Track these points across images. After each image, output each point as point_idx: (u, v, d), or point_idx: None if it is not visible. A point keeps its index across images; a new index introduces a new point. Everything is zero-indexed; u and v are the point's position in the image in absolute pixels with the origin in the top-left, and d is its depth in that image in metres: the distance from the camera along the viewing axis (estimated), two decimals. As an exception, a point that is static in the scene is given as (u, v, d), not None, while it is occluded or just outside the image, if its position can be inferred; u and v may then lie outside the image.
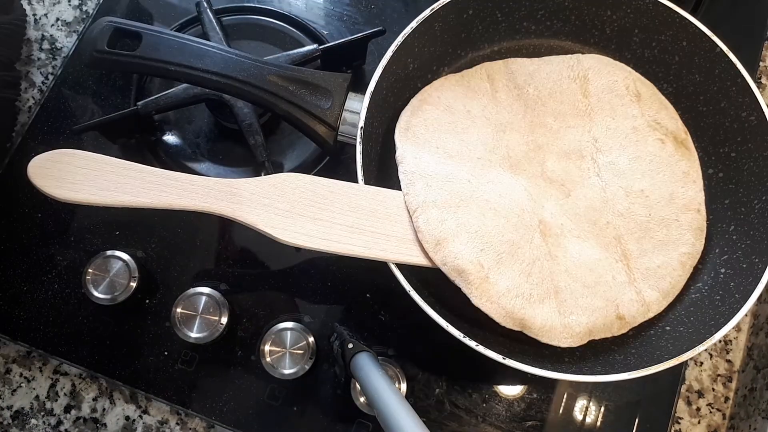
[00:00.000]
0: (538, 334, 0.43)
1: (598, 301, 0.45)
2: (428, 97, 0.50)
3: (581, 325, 0.44)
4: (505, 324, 0.43)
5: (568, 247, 0.46)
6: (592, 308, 0.44)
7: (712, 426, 0.53)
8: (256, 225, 0.41)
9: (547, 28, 0.54)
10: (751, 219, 0.47)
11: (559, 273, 0.45)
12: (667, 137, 0.50)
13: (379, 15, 0.62)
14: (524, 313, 0.43)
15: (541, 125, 0.50)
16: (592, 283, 0.45)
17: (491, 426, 0.50)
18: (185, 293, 0.51)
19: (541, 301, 0.43)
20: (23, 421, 0.51)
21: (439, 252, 0.43)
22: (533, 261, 0.44)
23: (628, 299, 0.45)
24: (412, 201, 0.44)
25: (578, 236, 0.46)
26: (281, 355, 0.49)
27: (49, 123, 0.57)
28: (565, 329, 0.43)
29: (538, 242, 0.45)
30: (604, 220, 0.47)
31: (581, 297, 0.44)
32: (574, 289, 0.45)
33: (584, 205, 0.47)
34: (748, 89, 0.48)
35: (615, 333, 0.45)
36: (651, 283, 0.46)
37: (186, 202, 0.41)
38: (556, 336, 0.43)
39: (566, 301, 0.44)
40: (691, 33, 0.50)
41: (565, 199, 0.48)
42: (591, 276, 0.45)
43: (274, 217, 0.42)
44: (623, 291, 0.45)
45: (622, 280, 0.46)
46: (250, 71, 0.46)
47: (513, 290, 0.43)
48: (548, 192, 0.48)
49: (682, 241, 0.47)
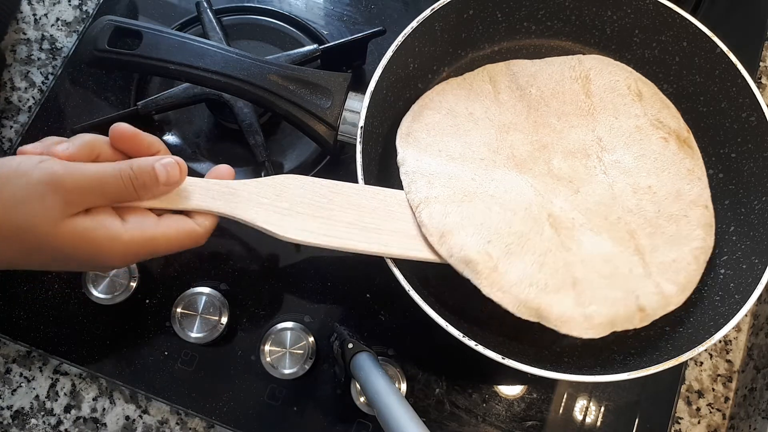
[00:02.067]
0: (556, 323, 0.41)
1: (618, 293, 0.43)
2: (429, 102, 0.50)
3: (602, 315, 0.42)
4: (519, 314, 0.41)
5: (582, 239, 0.45)
6: (612, 299, 0.43)
7: (712, 426, 0.53)
8: (254, 222, 0.41)
9: (548, 28, 0.54)
10: (751, 219, 0.47)
11: (575, 263, 0.43)
12: (670, 136, 0.50)
13: (379, 15, 0.62)
14: (540, 302, 0.41)
15: (545, 125, 0.50)
16: (609, 275, 0.44)
17: (491, 426, 0.50)
18: (185, 293, 0.51)
19: (557, 291, 0.42)
20: (23, 421, 0.51)
21: (444, 244, 0.42)
22: (545, 252, 0.43)
23: (648, 291, 0.44)
24: (415, 198, 0.44)
25: (591, 229, 0.46)
26: (281, 355, 0.49)
27: (49, 123, 0.57)
28: (585, 320, 0.42)
29: (549, 234, 0.44)
30: (615, 216, 0.47)
31: (599, 288, 0.43)
32: (592, 279, 0.43)
33: (594, 201, 0.47)
34: (748, 90, 0.48)
35: (637, 325, 0.44)
36: (668, 276, 0.45)
37: (184, 203, 0.40)
38: (576, 327, 0.41)
39: (585, 291, 0.42)
40: (692, 33, 0.50)
41: (575, 195, 0.47)
42: (607, 267, 0.44)
43: (273, 214, 0.42)
44: (642, 283, 0.44)
45: (639, 273, 0.44)
46: (251, 70, 0.46)
47: (526, 280, 0.41)
48: (556, 188, 0.47)
49: (693, 237, 0.47)
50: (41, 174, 0.35)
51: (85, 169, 0.36)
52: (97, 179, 0.36)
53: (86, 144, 0.39)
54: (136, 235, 0.38)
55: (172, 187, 0.40)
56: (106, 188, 0.37)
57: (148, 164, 0.38)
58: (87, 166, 0.37)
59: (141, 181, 0.38)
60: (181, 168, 0.39)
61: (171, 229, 0.39)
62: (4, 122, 0.59)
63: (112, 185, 0.37)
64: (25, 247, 0.36)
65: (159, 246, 0.39)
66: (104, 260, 0.38)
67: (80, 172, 0.36)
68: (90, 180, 0.36)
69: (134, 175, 0.38)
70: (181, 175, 0.40)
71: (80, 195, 0.36)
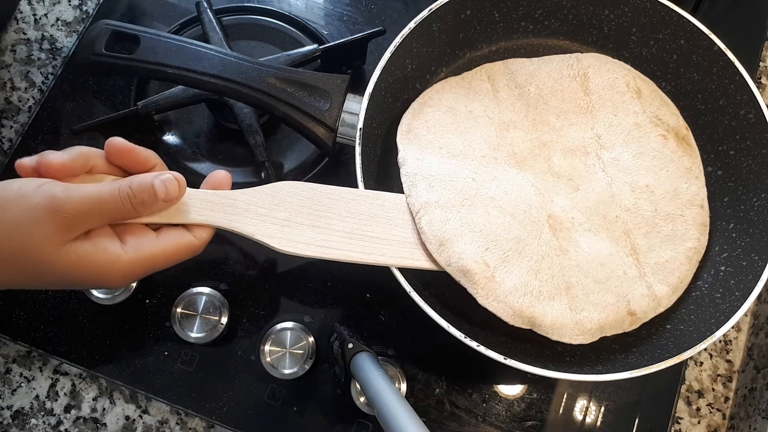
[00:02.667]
0: (548, 331, 0.43)
1: (610, 297, 0.44)
2: (429, 100, 0.50)
3: (593, 321, 0.43)
4: (513, 323, 0.42)
5: (580, 241, 0.45)
6: (604, 304, 0.44)
7: (712, 426, 0.53)
8: (253, 236, 0.41)
9: (545, 27, 0.54)
10: (750, 216, 0.47)
11: (570, 268, 0.44)
12: (668, 133, 0.50)
13: (379, 15, 0.62)
14: (533, 311, 0.42)
15: (544, 123, 0.50)
16: (603, 279, 0.44)
17: (491, 426, 0.50)
18: (185, 293, 0.51)
19: (551, 298, 0.43)
20: (23, 421, 0.51)
21: (443, 253, 0.42)
22: (542, 257, 0.44)
23: (639, 294, 0.45)
24: (415, 202, 0.44)
25: (589, 229, 0.46)
26: (281, 355, 0.49)
27: (49, 123, 0.57)
28: (576, 326, 0.43)
29: (547, 237, 0.45)
30: (614, 215, 0.47)
31: (592, 293, 0.44)
32: (586, 284, 0.44)
33: (594, 199, 0.47)
34: (746, 87, 0.48)
35: (626, 329, 0.45)
36: (660, 277, 0.46)
37: (183, 217, 0.40)
38: (567, 333, 0.43)
39: (578, 296, 0.43)
40: (689, 31, 0.50)
41: (575, 193, 0.47)
42: (602, 271, 0.45)
43: (271, 226, 0.42)
44: (634, 286, 0.45)
45: (633, 274, 0.45)
46: (249, 73, 0.46)
47: (521, 288, 0.42)
48: (557, 186, 0.47)
49: (688, 236, 0.47)
50: (41, 198, 0.35)
51: (84, 191, 0.36)
52: (97, 200, 0.36)
53: (81, 155, 0.39)
54: (135, 256, 0.38)
55: (171, 203, 0.40)
56: (105, 208, 0.37)
57: (146, 181, 0.38)
58: (86, 187, 0.37)
59: (140, 198, 0.38)
60: (180, 184, 0.39)
61: (170, 244, 0.39)
62: (4, 122, 0.59)
63: (110, 204, 0.37)
64: (26, 271, 0.36)
65: (158, 263, 0.39)
66: (105, 282, 0.38)
67: (80, 195, 0.36)
68: (90, 201, 0.36)
69: (133, 194, 0.37)
70: (180, 191, 0.39)
71: (80, 218, 0.36)
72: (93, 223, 0.37)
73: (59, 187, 0.36)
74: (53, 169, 0.38)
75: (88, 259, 0.36)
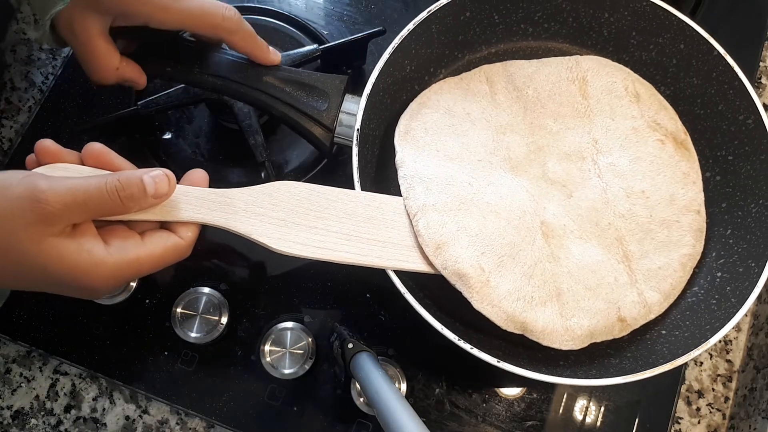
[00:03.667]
0: (539, 337, 0.43)
1: (600, 304, 0.45)
2: (427, 101, 0.50)
3: (583, 327, 0.44)
4: (506, 328, 0.43)
5: (571, 248, 0.46)
6: (594, 311, 0.44)
7: (712, 426, 0.53)
8: (250, 235, 0.41)
9: (545, 30, 0.54)
10: (747, 223, 0.47)
11: (562, 275, 0.45)
12: (667, 138, 0.50)
13: (379, 15, 0.63)
14: (526, 317, 0.43)
15: (541, 127, 0.50)
16: (594, 285, 0.45)
17: (491, 426, 0.50)
18: (185, 293, 0.51)
19: (543, 304, 0.44)
20: (23, 420, 0.51)
21: (439, 256, 0.43)
22: (535, 263, 0.44)
23: (629, 301, 0.45)
24: (412, 205, 0.44)
25: (580, 237, 0.46)
26: (281, 355, 0.50)
27: (49, 123, 0.57)
28: (566, 332, 0.43)
29: (540, 244, 0.45)
30: (606, 221, 0.47)
31: (583, 299, 0.44)
32: (576, 291, 0.45)
33: (586, 206, 0.47)
34: (745, 92, 0.48)
35: (616, 335, 0.45)
36: (652, 284, 0.46)
37: (178, 214, 0.40)
38: (557, 339, 0.43)
39: (568, 303, 0.44)
40: (689, 36, 0.50)
41: (567, 200, 0.48)
42: (593, 278, 0.45)
43: (268, 226, 0.41)
44: (625, 293, 0.45)
45: (624, 281, 0.46)
46: (247, 72, 0.46)
47: (514, 293, 0.43)
48: (550, 193, 0.48)
49: (683, 243, 0.47)
50: (24, 188, 0.34)
51: (68, 183, 0.35)
52: (82, 192, 0.35)
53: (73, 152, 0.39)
54: (120, 259, 0.37)
55: (160, 199, 0.39)
56: (90, 201, 0.36)
57: (135, 176, 0.37)
58: (71, 179, 0.36)
59: (128, 192, 0.37)
60: (170, 180, 0.39)
61: (156, 247, 0.39)
62: (4, 122, 0.59)
63: (96, 198, 0.36)
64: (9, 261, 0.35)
65: (144, 267, 0.38)
66: (88, 284, 0.37)
67: (63, 187, 0.35)
68: (74, 194, 0.35)
69: (121, 186, 0.37)
70: (170, 188, 0.39)
71: (63, 210, 0.35)
72: (77, 217, 0.36)
73: (43, 179, 0.35)
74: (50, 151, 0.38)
75: (70, 258, 0.35)
